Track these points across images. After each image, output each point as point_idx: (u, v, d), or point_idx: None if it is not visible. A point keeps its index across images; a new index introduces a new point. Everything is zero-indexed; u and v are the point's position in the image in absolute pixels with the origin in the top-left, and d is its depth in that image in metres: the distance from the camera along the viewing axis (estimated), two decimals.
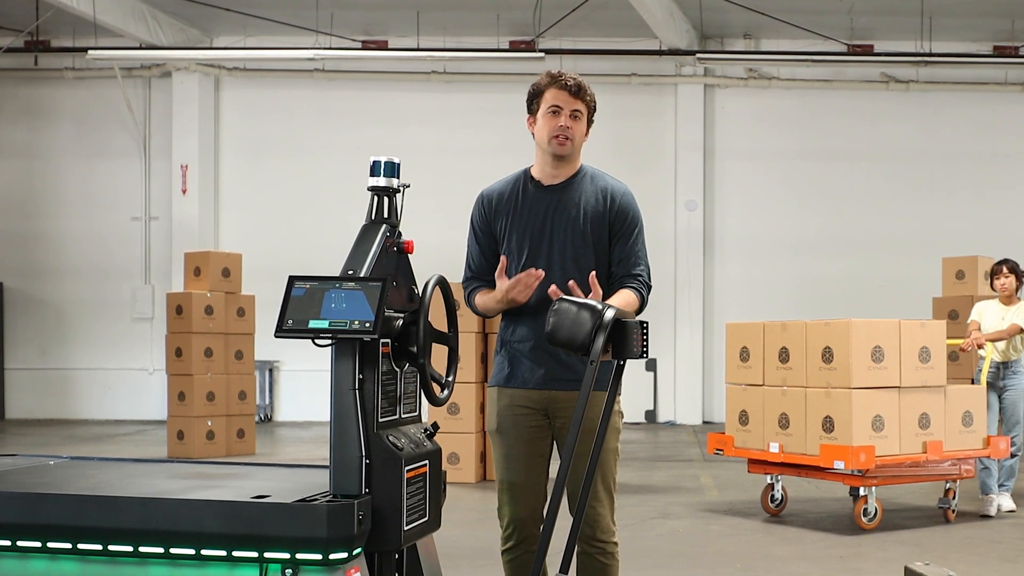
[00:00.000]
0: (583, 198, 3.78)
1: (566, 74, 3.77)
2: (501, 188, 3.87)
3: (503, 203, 3.83)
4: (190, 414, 11.29)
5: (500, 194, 3.85)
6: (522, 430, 3.76)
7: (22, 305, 16.28)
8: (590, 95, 3.78)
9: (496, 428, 3.81)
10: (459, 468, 9.11)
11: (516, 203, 3.81)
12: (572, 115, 3.73)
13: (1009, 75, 15.87)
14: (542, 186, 3.81)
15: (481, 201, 3.88)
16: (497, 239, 3.84)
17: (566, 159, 3.79)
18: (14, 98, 16.36)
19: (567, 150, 3.74)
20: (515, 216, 3.79)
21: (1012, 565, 6.19)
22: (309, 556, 2.81)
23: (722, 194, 16.03)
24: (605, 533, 3.72)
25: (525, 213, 3.78)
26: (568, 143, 3.73)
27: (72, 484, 3.24)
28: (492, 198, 3.86)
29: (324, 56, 14.67)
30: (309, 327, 2.97)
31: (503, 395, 3.80)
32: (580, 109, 3.74)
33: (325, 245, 13.00)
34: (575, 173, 3.83)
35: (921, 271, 13.65)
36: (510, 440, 3.77)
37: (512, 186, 3.85)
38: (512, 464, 3.76)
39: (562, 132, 3.72)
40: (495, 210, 3.84)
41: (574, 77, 3.76)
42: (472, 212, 3.90)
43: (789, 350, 7.46)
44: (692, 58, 15.31)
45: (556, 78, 3.75)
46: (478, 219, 3.87)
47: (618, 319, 3.26)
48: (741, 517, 7.68)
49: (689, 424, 15.65)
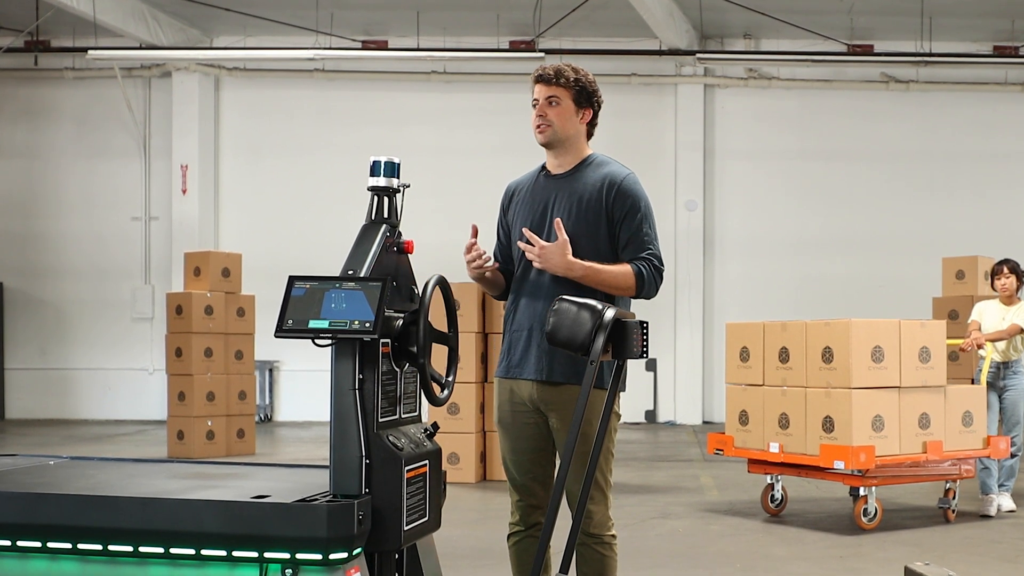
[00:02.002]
0: (585, 185, 3.81)
1: (546, 65, 3.85)
2: (521, 180, 3.99)
3: (518, 193, 3.94)
4: (190, 414, 11.29)
5: (519, 185, 3.98)
6: (521, 427, 3.81)
7: (22, 305, 16.28)
8: (569, 78, 3.78)
9: (499, 421, 3.88)
10: (459, 468, 9.10)
11: (526, 192, 3.90)
12: (548, 102, 3.78)
13: (1009, 75, 15.87)
14: (550, 175, 3.89)
15: (505, 193, 4.02)
16: (511, 227, 3.94)
17: (562, 148, 3.83)
18: (14, 98, 16.36)
19: (546, 137, 3.81)
20: (522, 204, 3.88)
21: (1012, 565, 6.19)
22: (309, 556, 2.81)
23: (722, 194, 16.03)
24: (599, 528, 3.76)
25: (530, 201, 3.87)
26: (548, 129, 3.79)
27: (72, 484, 3.24)
28: (511, 190, 4.00)
29: (324, 56, 14.67)
30: (309, 327, 2.97)
31: (503, 387, 3.85)
32: (556, 95, 3.77)
33: (325, 245, 13.00)
34: (581, 161, 3.86)
35: (921, 271, 13.65)
36: (512, 435, 3.83)
37: (529, 177, 3.96)
38: (516, 458, 3.83)
39: (539, 121, 3.79)
40: (511, 200, 3.96)
41: (551, 67, 3.81)
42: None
43: (789, 350, 7.46)
44: (692, 58, 15.31)
45: (537, 72, 3.83)
46: (501, 210, 4.01)
47: (618, 319, 3.26)
48: (741, 517, 7.68)
49: (689, 424, 15.65)
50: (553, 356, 3.69)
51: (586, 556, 3.76)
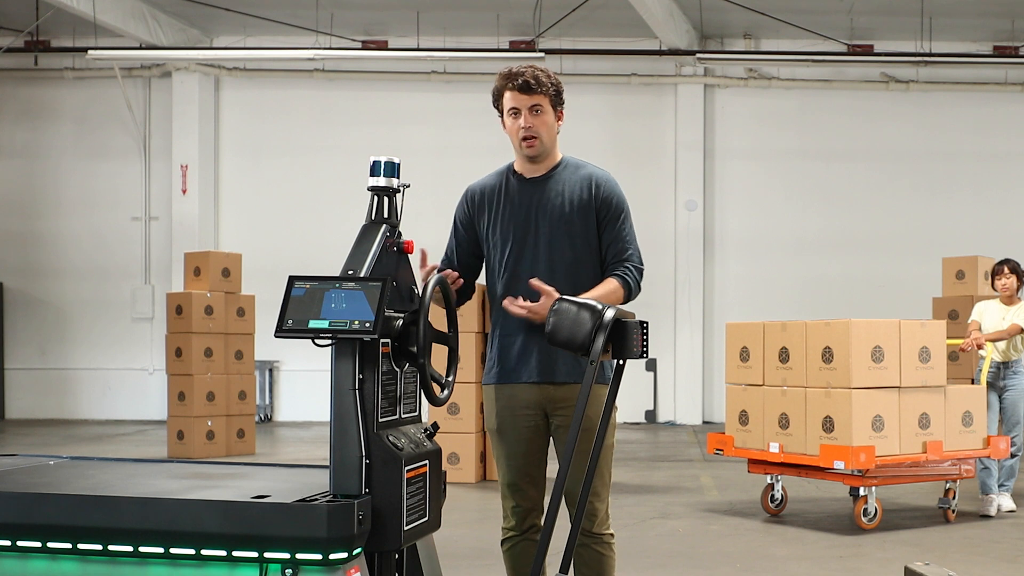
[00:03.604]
0: (567, 188, 3.77)
1: (518, 71, 3.70)
2: (485, 183, 3.88)
3: (486, 197, 3.83)
4: (190, 414, 11.29)
5: (483, 189, 3.86)
6: (521, 431, 3.77)
7: (22, 305, 16.28)
8: (547, 84, 3.69)
9: (496, 428, 3.81)
10: (459, 468, 9.10)
11: (500, 197, 3.81)
12: (532, 111, 3.70)
13: (1009, 75, 15.87)
14: (524, 179, 3.81)
15: (466, 196, 3.89)
16: (479, 234, 3.85)
17: (542, 155, 3.77)
18: (14, 98, 16.36)
19: (537, 150, 3.73)
20: (498, 209, 3.80)
21: (1012, 565, 6.19)
22: (309, 556, 2.81)
23: (722, 194, 16.02)
24: (601, 526, 3.75)
25: (509, 206, 3.78)
26: (536, 142, 3.71)
27: (72, 484, 3.23)
28: (476, 193, 3.87)
29: (324, 56, 14.67)
30: (309, 327, 2.97)
31: (500, 394, 3.79)
32: (539, 103, 3.69)
33: (325, 245, 13.01)
34: (556, 164, 3.81)
35: (921, 271, 13.66)
36: (510, 440, 3.78)
37: (496, 180, 3.86)
38: (513, 463, 3.78)
39: (527, 133, 3.70)
40: (478, 205, 3.85)
41: (526, 73, 3.68)
42: (456, 207, 3.92)
43: (789, 350, 7.46)
44: (692, 58, 15.31)
45: (508, 79, 3.71)
46: (461, 214, 3.89)
47: (618, 319, 3.26)
48: (741, 517, 7.68)
49: (689, 424, 15.65)
50: (555, 357, 3.68)
51: (585, 556, 3.74)
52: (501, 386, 3.79)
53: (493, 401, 3.82)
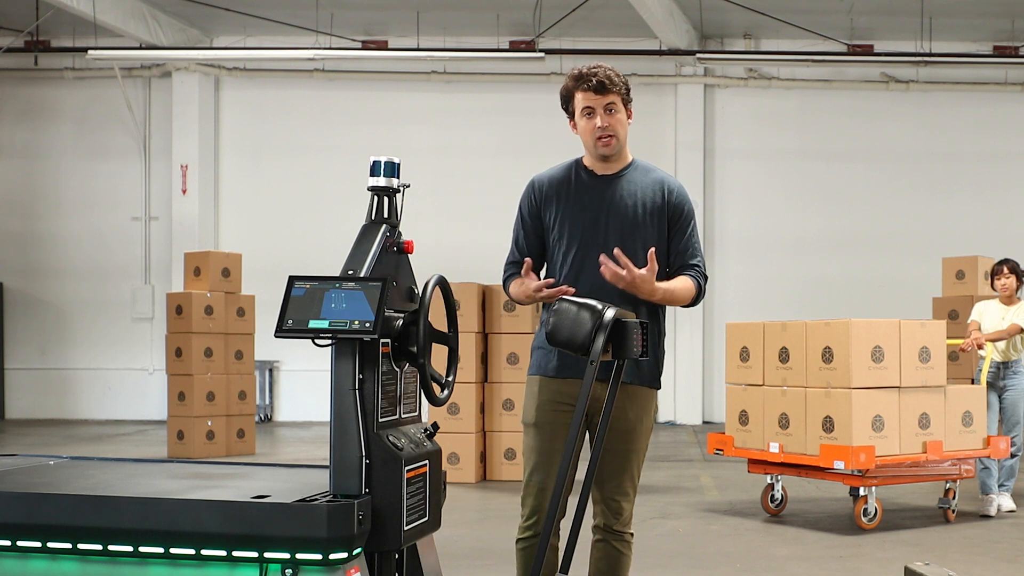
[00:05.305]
0: (639, 189, 3.76)
1: (589, 72, 3.70)
2: (553, 175, 3.85)
3: (554, 189, 3.80)
4: (190, 414, 11.29)
5: (552, 180, 3.83)
6: (559, 427, 3.68)
7: (22, 305, 16.28)
8: (619, 83, 3.71)
9: (534, 422, 3.74)
10: (459, 468, 9.10)
11: (569, 190, 3.78)
12: (607, 110, 3.70)
13: (1009, 75, 15.87)
14: (596, 175, 3.79)
15: (532, 187, 3.86)
16: (545, 225, 3.81)
17: (617, 153, 3.77)
18: (14, 98, 16.37)
19: (613, 148, 3.73)
20: (567, 204, 3.77)
21: (1012, 565, 6.19)
22: (309, 556, 2.81)
23: (722, 194, 16.03)
24: (625, 525, 3.77)
25: (578, 201, 3.76)
26: (613, 140, 3.71)
27: (72, 484, 3.23)
28: (543, 184, 3.84)
29: (324, 56, 14.67)
30: (309, 327, 2.96)
31: (545, 388, 3.74)
32: (613, 102, 3.70)
33: (325, 245, 13.01)
34: (628, 164, 3.82)
35: (921, 271, 13.66)
36: (546, 435, 3.72)
37: (564, 173, 3.83)
38: (544, 459, 3.70)
39: (603, 132, 3.70)
40: (545, 196, 3.81)
41: (599, 72, 3.69)
42: (521, 197, 3.88)
43: (789, 350, 7.46)
44: (692, 58, 15.32)
45: (579, 80, 3.71)
46: (527, 205, 3.85)
47: (618, 319, 3.26)
48: (741, 517, 7.68)
49: (689, 424, 15.65)
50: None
51: (605, 551, 3.74)
52: (549, 380, 3.73)
53: (535, 395, 3.76)
